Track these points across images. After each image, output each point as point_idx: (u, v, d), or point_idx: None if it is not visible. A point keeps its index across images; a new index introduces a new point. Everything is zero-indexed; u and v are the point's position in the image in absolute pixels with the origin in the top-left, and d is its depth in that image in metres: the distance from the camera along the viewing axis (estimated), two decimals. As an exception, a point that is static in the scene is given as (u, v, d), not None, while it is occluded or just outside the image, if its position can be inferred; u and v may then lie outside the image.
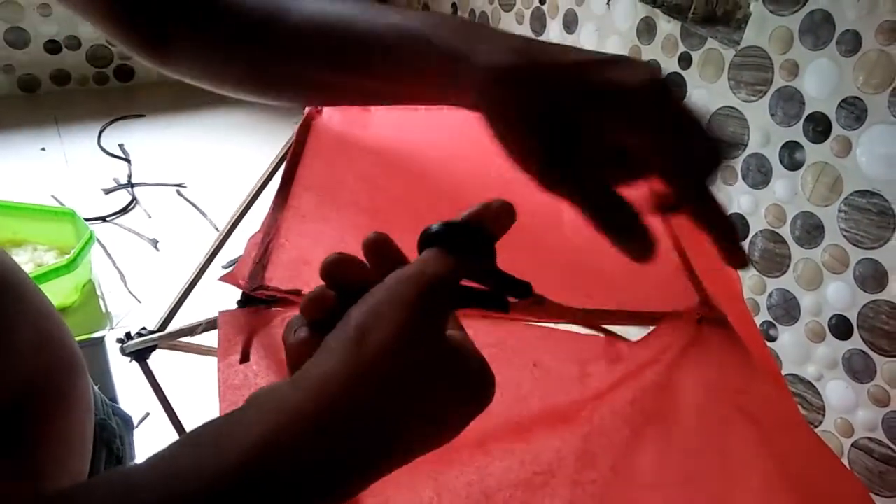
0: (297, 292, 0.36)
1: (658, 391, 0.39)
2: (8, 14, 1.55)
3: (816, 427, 0.91)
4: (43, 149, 1.47)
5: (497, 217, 0.31)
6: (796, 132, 0.87)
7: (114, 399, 0.95)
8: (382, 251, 0.30)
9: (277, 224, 0.39)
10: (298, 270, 0.38)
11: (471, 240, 0.30)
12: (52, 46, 1.63)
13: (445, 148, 0.47)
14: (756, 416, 0.40)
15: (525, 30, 1.33)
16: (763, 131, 0.91)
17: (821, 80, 0.83)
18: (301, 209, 0.40)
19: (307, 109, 0.44)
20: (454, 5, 1.58)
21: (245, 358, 0.37)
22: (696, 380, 0.38)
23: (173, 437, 0.64)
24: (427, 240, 0.30)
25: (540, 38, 1.33)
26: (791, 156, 0.88)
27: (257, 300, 0.37)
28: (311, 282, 0.38)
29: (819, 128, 0.84)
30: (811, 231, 0.87)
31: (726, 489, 0.37)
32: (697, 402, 0.38)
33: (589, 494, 0.39)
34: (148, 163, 1.47)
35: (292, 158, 0.42)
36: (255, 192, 0.50)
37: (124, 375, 0.81)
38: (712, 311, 0.41)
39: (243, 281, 0.38)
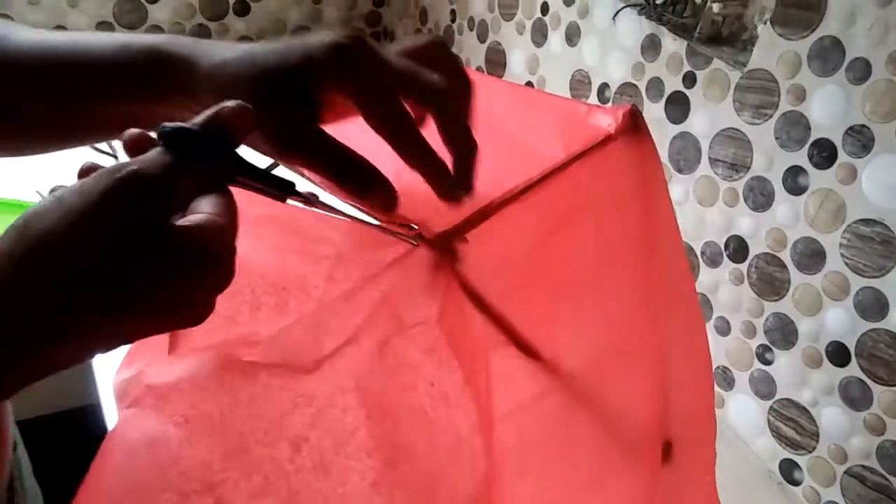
0: None
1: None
2: (-6, 1, 1.51)
3: (810, 453, 0.91)
4: (26, 141, 1.43)
5: (234, 119, 0.31)
6: (801, 157, 0.87)
7: (96, 404, 0.92)
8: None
9: None
10: None
11: (204, 145, 0.30)
12: (39, 36, 1.59)
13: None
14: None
15: (525, 41, 1.32)
16: (766, 155, 0.91)
17: (828, 106, 0.83)
18: None
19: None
20: (453, 12, 1.56)
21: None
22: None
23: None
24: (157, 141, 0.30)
25: (541, 50, 1.31)
26: (794, 180, 0.88)
27: None
28: None
29: (824, 154, 0.84)
30: (812, 256, 0.87)
31: None
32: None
33: None
34: (135, 159, 1.44)
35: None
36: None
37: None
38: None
39: None
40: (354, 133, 0.44)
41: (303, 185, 0.38)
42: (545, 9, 1.26)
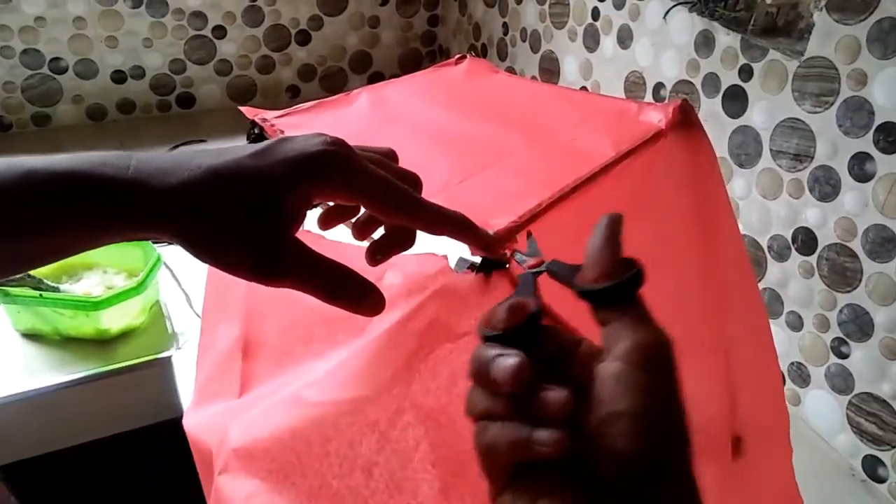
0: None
1: None
2: (78, 47, 1.62)
3: (894, 448, 0.88)
4: (110, 175, 1.52)
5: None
6: (866, 143, 0.85)
7: (181, 416, 0.97)
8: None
9: None
10: None
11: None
12: (118, 76, 1.69)
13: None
14: None
15: (578, 47, 1.33)
16: (830, 143, 0.89)
17: (891, 89, 0.81)
18: None
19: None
20: (504, 24, 1.59)
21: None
22: None
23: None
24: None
25: (594, 55, 1.31)
26: (861, 167, 0.86)
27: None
28: None
29: (890, 138, 0.82)
30: (884, 244, 0.85)
31: None
32: None
33: None
34: (209, 186, 1.51)
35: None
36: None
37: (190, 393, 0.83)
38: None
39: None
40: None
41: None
42: (596, 14, 1.27)
